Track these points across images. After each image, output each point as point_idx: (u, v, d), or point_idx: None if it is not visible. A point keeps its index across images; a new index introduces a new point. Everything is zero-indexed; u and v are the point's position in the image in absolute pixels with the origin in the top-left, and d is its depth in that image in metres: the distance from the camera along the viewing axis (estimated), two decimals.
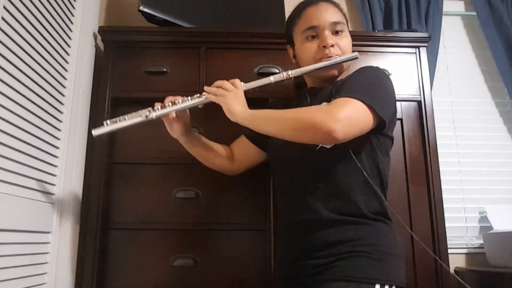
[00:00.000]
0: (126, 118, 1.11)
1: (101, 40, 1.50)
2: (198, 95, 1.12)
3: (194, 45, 1.47)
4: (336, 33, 1.11)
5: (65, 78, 1.35)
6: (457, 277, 1.49)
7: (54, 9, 1.28)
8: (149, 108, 1.10)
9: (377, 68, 1.10)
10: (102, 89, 1.42)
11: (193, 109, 1.14)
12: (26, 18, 1.12)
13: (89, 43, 1.50)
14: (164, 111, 1.11)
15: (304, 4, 1.16)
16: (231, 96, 1.07)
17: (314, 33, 1.11)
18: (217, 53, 1.47)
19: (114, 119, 1.11)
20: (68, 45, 1.38)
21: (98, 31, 1.49)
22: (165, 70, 1.44)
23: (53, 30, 1.27)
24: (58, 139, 1.30)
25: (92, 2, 1.55)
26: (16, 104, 1.07)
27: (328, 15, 1.11)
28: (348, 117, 0.93)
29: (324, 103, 1.06)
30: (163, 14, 1.50)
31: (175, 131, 1.15)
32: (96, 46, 1.55)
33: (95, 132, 1.10)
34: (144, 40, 1.48)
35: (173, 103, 1.11)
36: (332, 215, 0.99)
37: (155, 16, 1.49)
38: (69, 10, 1.39)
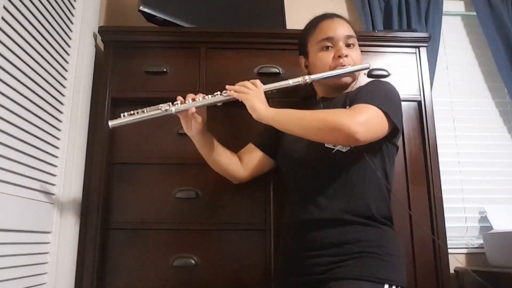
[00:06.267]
0: (145, 111, 1.12)
1: (101, 40, 1.50)
2: (219, 92, 1.14)
3: (194, 45, 1.47)
4: (348, 46, 1.18)
5: (65, 78, 1.36)
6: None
7: (54, 9, 1.28)
8: (169, 103, 1.12)
9: (387, 82, 1.17)
10: (102, 89, 1.42)
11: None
12: (26, 18, 1.12)
13: (89, 43, 1.50)
14: (185, 106, 1.12)
15: (320, 18, 1.24)
16: (254, 94, 1.11)
17: (330, 43, 1.17)
18: (217, 53, 1.47)
19: (131, 112, 1.11)
20: (68, 45, 1.38)
21: (98, 31, 1.49)
22: (165, 70, 1.44)
23: (53, 30, 1.27)
24: (58, 139, 1.30)
25: (92, 2, 1.55)
26: (16, 104, 1.07)
27: (343, 28, 1.19)
28: (368, 121, 0.99)
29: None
30: (163, 14, 1.50)
31: (191, 128, 1.16)
32: (96, 46, 1.55)
33: (112, 123, 1.11)
34: (144, 40, 1.48)
35: (194, 100, 1.13)
36: (345, 216, 1.03)
37: (155, 16, 1.49)
38: (69, 10, 1.39)
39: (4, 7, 1.01)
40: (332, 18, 1.22)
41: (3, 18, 1.01)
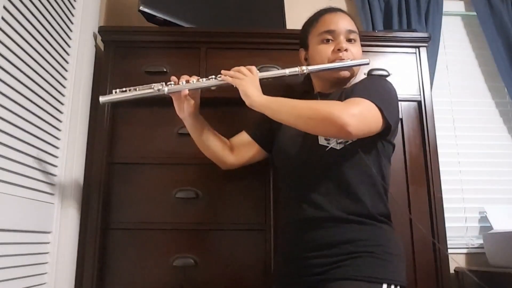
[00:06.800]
0: (137, 89, 1.11)
1: (101, 40, 1.50)
2: (214, 76, 1.14)
3: (194, 45, 1.47)
4: (349, 40, 1.17)
5: (65, 78, 1.36)
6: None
7: (54, 9, 1.28)
8: (162, 82, 1.11)
9: (385, 78, 1.16)
10: (102, 89, 1.42)
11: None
12: (26, 18, 1.12)
13: (89, 43, 1.50)
14: (178, 87, 1.12)
15: (323, 11, 1.23)
16: (248, 80, 1.11)
17: (330, 36, 1.16)
18: (217, 53, 1.47)
19: (123, 89, 1.11)
20: (68, 45, 1.38)
21: (98, 31, 1.49)
22: (165, 70, 1.44)
23: (53, 30, 1.27)
24: (58, 139, 1.30)
25: (92, 2, 1.55)
26: (16, 104, 1.07)
27: (345, 23, 1.17)
28: (361, 114, 0.98)
29: None
30: (163, 14, 1.50)
31: (183, 110, 1.16)
32: (96, 46, 1.55)
33: (103, 98, 1.11)
34: (144, 40, 1.48)
35: (188, 82, 1.13)
36: (341, 214, 1.02)
37: (155, 16, 1.49)
38: (69, 10, 1.39)
39: (4, 7, 1.01)
40: (335, 12, 1.21)
41: (3, 18, 1.01)
